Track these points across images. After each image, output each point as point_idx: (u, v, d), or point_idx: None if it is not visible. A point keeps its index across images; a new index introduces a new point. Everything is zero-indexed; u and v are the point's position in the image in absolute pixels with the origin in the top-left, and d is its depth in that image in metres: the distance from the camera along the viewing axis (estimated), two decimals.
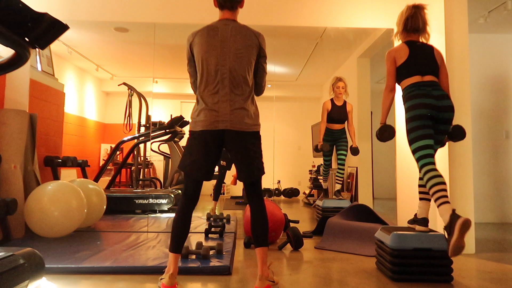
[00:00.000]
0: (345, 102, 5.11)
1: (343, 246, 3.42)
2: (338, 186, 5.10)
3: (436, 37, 3.71)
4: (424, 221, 2.64)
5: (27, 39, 1.60)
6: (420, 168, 2.52)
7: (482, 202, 5.17)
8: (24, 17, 1.53)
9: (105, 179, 6.56)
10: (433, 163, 2.49)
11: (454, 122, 3.49)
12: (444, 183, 2.38)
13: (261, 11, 4.27)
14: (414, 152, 2.54)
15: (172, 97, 7.94)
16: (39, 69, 4.55)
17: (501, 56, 5.45)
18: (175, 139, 6.48)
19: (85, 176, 4.92)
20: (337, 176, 5.11)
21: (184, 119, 6.53)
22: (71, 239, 3.50)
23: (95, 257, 2.83)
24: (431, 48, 2.69)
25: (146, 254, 2.93)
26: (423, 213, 2.67)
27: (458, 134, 2.58)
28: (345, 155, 5.16)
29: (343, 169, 5.12)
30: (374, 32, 5.03)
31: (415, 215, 2.75)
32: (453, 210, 2.25)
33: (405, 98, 2.61)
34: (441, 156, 3.56)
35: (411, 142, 2.55)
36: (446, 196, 2.35)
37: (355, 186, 6.15)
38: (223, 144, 2.20)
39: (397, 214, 4.35)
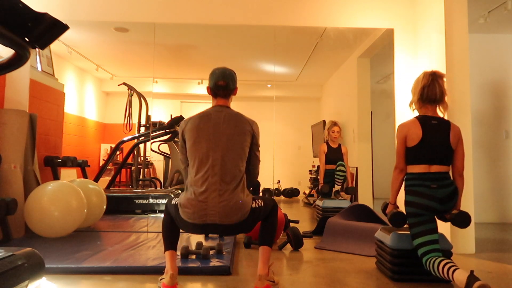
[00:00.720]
0: (339, 145, 5.34)
1: (343, 246, 3.42)
2: (337, 187, 5.17)
3: (436, 37, 3.71)
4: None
5: (27, 39, 1.60)
6: (420, 256, 2.41)
7: (482, 202, 5.16)
8: (24, 17, 1.53)
9: (105, 179, 6.56)
10: (437, 252, 2.37)
11: (455, 122, 3.49)
12: (447, 258, 2.30)
13: (261, 11, 4.27)
14: (415, 244, 2.44)
15: (172, 97, 7.94)
16: (39, 69, 4.55)
17: (501, 56, 5.45)
18: (175, 139, 6.48)
19: (85, 176, 4.92)
20: (336, 178, 5.22)
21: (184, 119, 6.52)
22: (71, 239, 3.50)
23: (95, 257, 2.83)
24: (447, 128, 2.50)
25: (146, 254, 2.93)
26: None
27: (463, 223, 2.40)
28: (345, 171, 5.29)
29: (344, 171, 5.22)
30: (374, 32, 5.03)
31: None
32: (471, 272, 2.00)
33: (407, 189, 2.50)
34: None
35: (412, 236, 2.46)
36: (455, 265, 2.19)
37: (355, 186, 6.15)
38: (210, 231, 2.20)
39: None
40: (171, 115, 6.68)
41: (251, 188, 4.49)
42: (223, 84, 2.27)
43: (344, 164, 5.25)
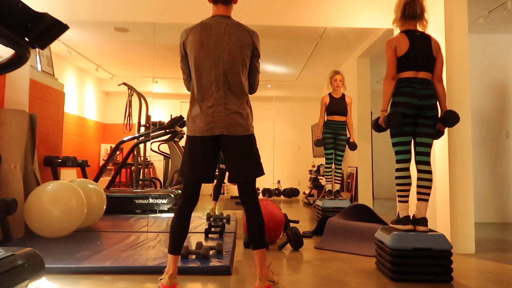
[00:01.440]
0: (343, 95, 5.08)
1: (343, 246, 3.42)
2: (337, 186, 5.07)
3: (436, 37, 3.71)
4: (406, 220, 2.68)
5: (27, 39, 1.60)
6: (396, 164, 2.76)
7: (482, 202, 5.17)
8: (24, 17, 1.53)
9: (105, 179, 6.56)
10: (407, 163, 2.71)
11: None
12: (409, 184, 2.72)
13: (261, 11, 4.27)
14: (393, 146, 2.76)
15: (172, 97, 7.94)
16: (39, 69, 4.55)
17: (501, 56, 5.45)
18: (175, 139, 6.49)
19: (85, 176, 4.92)
20: (336, 176, 5.08)
21: (184, 119, 6.53)
22: (71, 239, 3.50)
23: (95, 257, 2.83)
24: (429, 39, 2.75)
25: (146, 254, 2.93)
26: (404, 212, 2.73)
27: (452, 118, 2.63)
28: (342, 156, 5.14)
29: (341, 169, 5.10)
30: (374, 32, 5.03)
31: (398, 214, 2.79)
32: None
33: (395, 91, 2.70)
34: (441, 156, 3.57)
35: (391, 135, 2.75)
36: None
37: (355, 186, 6.15)
38: (219, 147, 2.20)
39: (397, 214, 4.35)
40: (171, 115, 6.68)
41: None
42: None
43: (341, 163, 5.10)
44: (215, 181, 5.21)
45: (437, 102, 2.70)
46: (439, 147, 3.62)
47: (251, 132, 2.21)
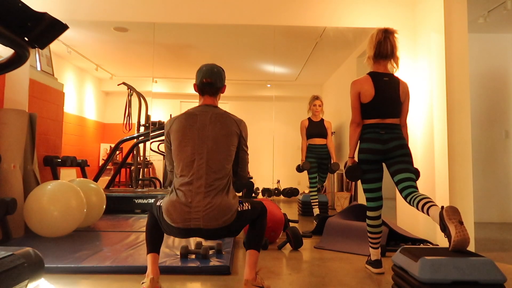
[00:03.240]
0: (322, 119, 5.14)
1: (343, 246, 3.42)
2: (316, 211, 4.98)
3: (435, 37, 3.71)
4: (378, 263, 2.69)
5: (26, 39, 1.60)
6: (367, 210, 2.74)
7: (482, 201, 5.17)
8: (23, 17, 1.53)
9: (104, 179, 6.56)
10: (378, 211, 2.70)
11: (455, 123, 3.50)
12: (380, 232, 2.70)
13: (261, 11, 4.27)
14: (364, 191, 2.73)
15: (171, 97, 7.93)
16: (39, 68, 4.55)
17: (500, 56, 5.44)
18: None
19: (84, 175, 4.92)
20: (312, 199, 5.02)
21: None
22: (71, 238, 3.50)
23: (94, 256, 2.83)
24: (397, 83, 2.67)
25: (145, 254, 2.91)
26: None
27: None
28: (326, 177, 5.23)
29: (316, 196, 5.04)
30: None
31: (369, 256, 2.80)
32: (442, 207, 2.14)
33: (361, 137, 2.68)
34: (441, 156, 3.57)
35: (361, 181, 2.72)
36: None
37: (354, 186, 6.15)
38: (193, 235, 2.11)
39: (397, 214, 4.35)
40: (170, 115, 6.67)
41: (245, 190, 4.45)
42: (209, 82, 2.20)
43: (322, 183, 5.11)
44: None
45: (404, 142, 2.61)
46: (439, 147, 3.62)
47: (232, 219, 2.08)
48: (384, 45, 2.65)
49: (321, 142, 5.03)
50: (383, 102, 2.62)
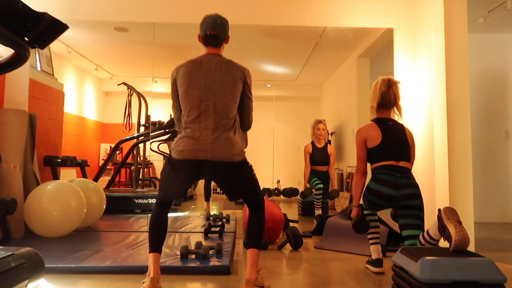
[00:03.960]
0: (326, 144, 5.16)
1: (343, 245, 3.42)
2: (318, 212, 5.01)
3: (435, 37, 3.71)
4: (379, 262, 2.70)
5: (26, 39, 1.60)
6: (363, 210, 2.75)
7: (482, 202, 5.17)
8: (23, 17, 1.53)
9: (104, 179, 6.55)
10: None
11: (455, 123, 3.50)
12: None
13: (261, 11, 4.27)
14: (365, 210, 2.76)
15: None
16: (39, 68, 4.55)
17: (500, 56, 5.44)
18: (174, 138, 6.48)
19: (84, 175, 4.92)
20: (316, 200, 5.02)
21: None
22: (71, 238, 3.50)
23: (94, 256, 2.83)
24: (402, 129, 2.70)
25: (145, 254, 2.93)
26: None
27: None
28: (326, 204, 5.24)
29: (320, 198, 5.04)
30: (374, 32, 5.03)
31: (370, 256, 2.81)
32: (439, 209, 2.14)
33: (373, 177, 2.64)
34: (441, 156, 3.57)
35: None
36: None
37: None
38: (203, 173, 2.14)
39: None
40: (170, 115, 6.68)
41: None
42: (213, 34, 2.23)
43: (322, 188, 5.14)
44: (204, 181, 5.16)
45: (418, 193, 2.54)
46: (439, 147, 3.62)
47: (240, 159, 2.14)
48: (387, 96, 2.69)
49: (323, 169, 5.10)
50: (393, 144, 2.60)
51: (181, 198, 2.28)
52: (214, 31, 2.24)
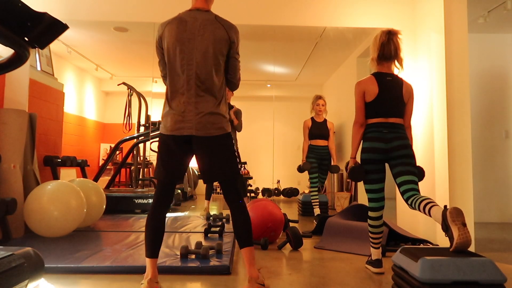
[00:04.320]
0: (325, 120, 5.12)
1: (343, 245, 3.42)
2: (317, 211, 4.93)
3: (435, 37, 3.71)
4: (378, 262, 2.69)
5: (26, 39, 1.60)
6: (368, 210, 2.73)
7: (482, 201, 5.17)
8: (23, 17, 1.53)
9: (104, 179, 6.56)
10: (380, 211, 2.68)
11: (455, 123, 3.50)
12: (381, 232, 2.69)
13: (261, 11, 4.27)
14: (366, 191, 2.73)
15: None
16: (39, 68, 4.55)
17: (500, 56, 5.45)
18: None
19: (84, 175, 4.92)
20: (313, 199, 4.95)
21: None
22: (71, 238, 3.50)
23: (94, 256, 2.83)
24: (400, 84, 2.68)
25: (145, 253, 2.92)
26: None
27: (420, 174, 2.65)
28: (326, 178, 5.19)
29: (317, 196, 4.98)
30: (374, 32, 5.00)
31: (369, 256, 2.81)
32: (445, 206, 2.12)
33: (364, 136, 2.68)
34: (441, 156, 3.57)
35: (364, 182, 2.70)
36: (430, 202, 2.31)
37: (354, 186, 6.15)
38: (191, 148, 2.13)
39: (397, 214, 4.35)
40: None
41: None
42: None
43: (322, 185, 5.08)
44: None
45: (408, 143, 2.60)
46: (439, 147, 3.63)
47: (224, 131, 2.13)
48: (387, 47, 2.67)
49: (322, 144, 5.01)
50: (386, 100, 2.63)
51: (180, 180, 2.23)
52: None
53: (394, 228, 3.42)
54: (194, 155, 2.19)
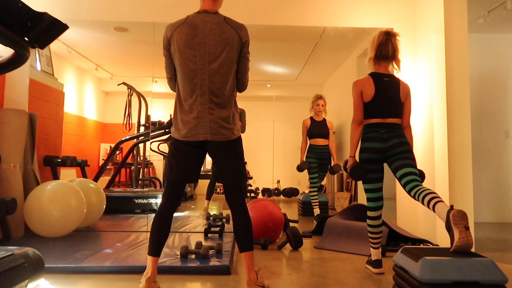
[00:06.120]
0: (324, 119, 5.10)
1: (343, 245, 3.42)
2: (317, 211, 4.92)
3: (435, 37, 3.71)
4: (378, 263, 2.70)
5: (26, 39, 1.60)
6: (367, 210, 2.74)
7: (482, 202, 5.16)
8: (23, 17, 1.53)
9: (104, 179, 6.55)
10: (379, 211, 2.70)
11: (455, 123, 3.50)
12: (380, 228, 2.69)
13: (261, 11, 4.27)
14: (365, 191, 2.74)
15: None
16: (39, 68, 4.55)
17: (500, 56, 5.44)
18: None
19: (84, 175, 4.92)
20: (312, 199, 4.95)
21: None
22: (71, 238, 3.50)
23: (94, 256, 2.83)
24: (398, 84, 2.69)
25: (145, 254, 2.91)
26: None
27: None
28: (324, 176, 5.18)
29: (316, 196, 4.97)
30: (374, 32, 4.99)
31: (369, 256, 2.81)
32: (451, 206, 2.11)
33: (362, 137, 2.70)
34: (441, 156, 3.57)
35: (362, 181, 2.72)
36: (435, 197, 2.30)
37: (354, 186, 6.15)
38: (205, 151, 2.17)
39: (397, 214, 4.35)
40: (170, 115, 6.67)
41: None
42: None
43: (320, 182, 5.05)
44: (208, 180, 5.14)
45: (405, 140, 2.61)
46: (439, 147, 3.63)
47: (236, 136, 2.16)
48: (385, 47, 2.68)
49: (323, 143, 4.99)
50: (383, 101, 2.63)
51: (194, 181, 2.27)
52: None
53: (394, 228, 3.42)
54: (205, 157, 2.23)
